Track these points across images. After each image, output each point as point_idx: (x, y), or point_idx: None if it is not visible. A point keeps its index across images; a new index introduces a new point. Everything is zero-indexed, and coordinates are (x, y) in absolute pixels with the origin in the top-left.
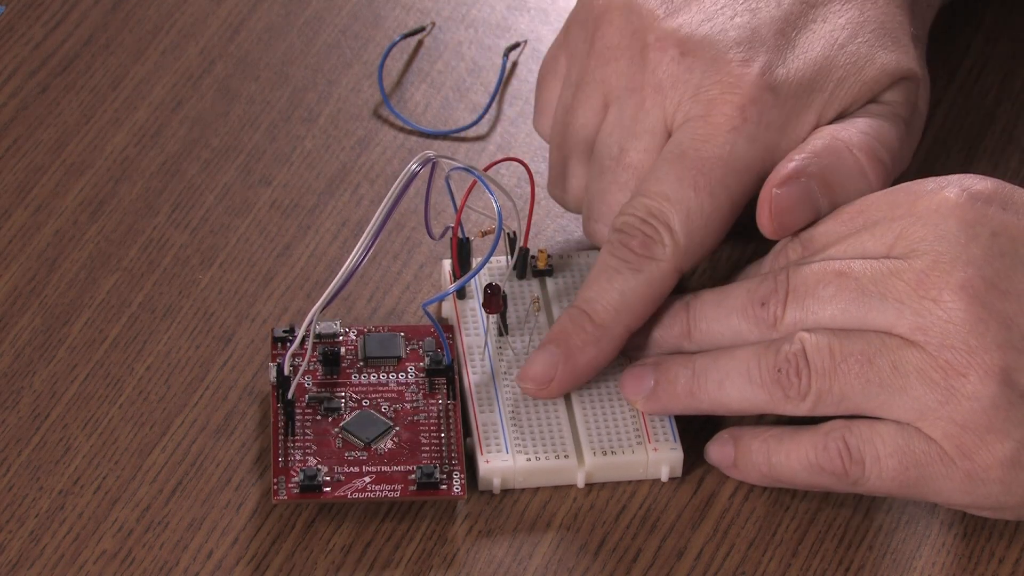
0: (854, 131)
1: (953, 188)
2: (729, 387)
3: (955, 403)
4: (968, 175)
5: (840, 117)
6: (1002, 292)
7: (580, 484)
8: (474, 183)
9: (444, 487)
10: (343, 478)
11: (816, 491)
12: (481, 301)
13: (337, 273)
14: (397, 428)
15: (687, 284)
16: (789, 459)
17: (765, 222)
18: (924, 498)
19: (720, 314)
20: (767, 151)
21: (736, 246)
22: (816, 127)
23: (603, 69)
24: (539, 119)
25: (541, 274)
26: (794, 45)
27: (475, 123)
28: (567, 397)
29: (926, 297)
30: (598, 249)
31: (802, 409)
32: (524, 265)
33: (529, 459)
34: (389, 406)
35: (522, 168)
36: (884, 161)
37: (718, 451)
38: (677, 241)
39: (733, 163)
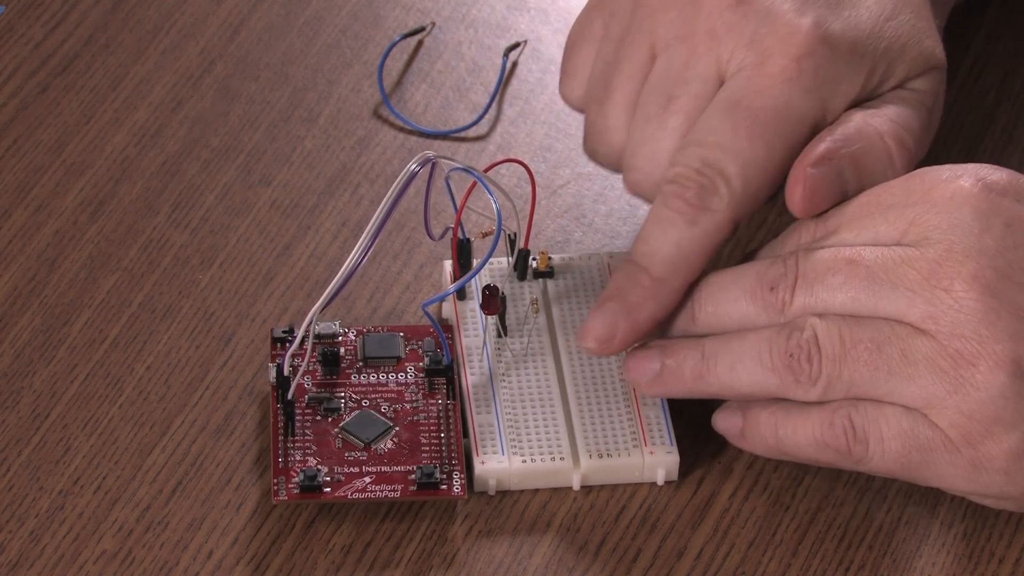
0: (884, 119)
1: (968, 177)
2: (740, 371)
3: (963, 393)
4: (984, 165)
5: (872, 95)
6: (1015, 283)
7: (576, 487)
8: (474, 184)
9: (444, 487)
10: (343, 478)
11: (823, 467)
12: (479, 302)
13: (337, 273)
14: (397, 428)
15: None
16: (795, 433)
17: (797, 200)
18: (926, 482)
19: (727, 297)
20: (821, 104)
21: (739, 243)
22: (861, 92)
23: (651, 20)
24: (568, 84)
25: (542, 276)
26: (843, 7)
27: (475, 123)
28: (564, 398)
29: (938, 287)
30: (598, 250)
31: (812, 395)
32: (524, 267)
33: (525, 461)
34: (389, 406)
35: (522, 168)
36: (910, 149)
37: (726, 420)
38: (734, 191)
39: (788, 114)
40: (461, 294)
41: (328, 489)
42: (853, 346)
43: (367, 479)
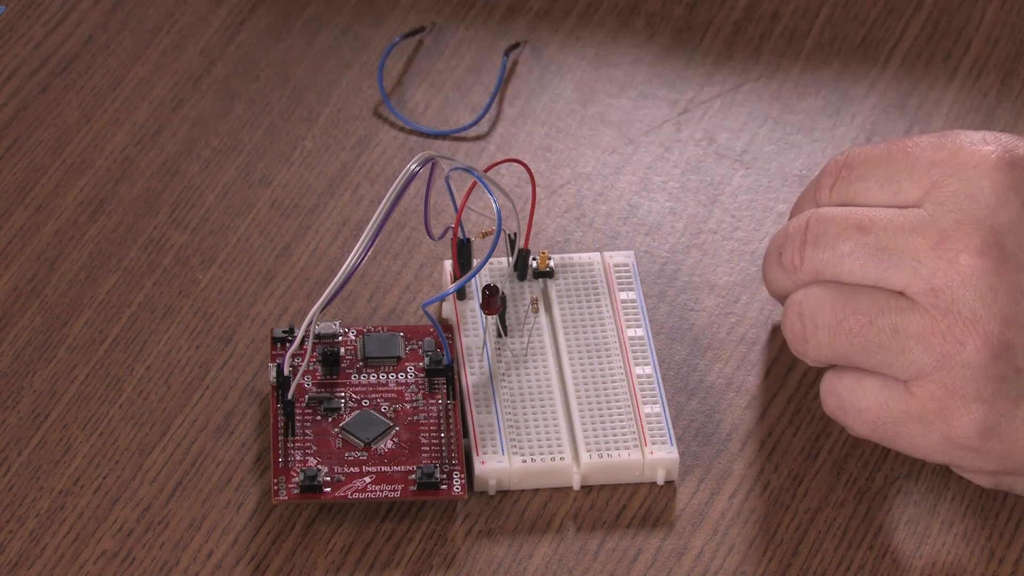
0: None
1: (996, 147)
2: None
3: (948, 369)
4: (1018, 137)
5: None
6: (1019, 264)
7: (576, 487)
8: (474, 183)
9: (444, 487)
10: (343, 478)
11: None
12: (480, 302)
13: (337, 273)
14: (397, 428)
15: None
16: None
17: None
18: (904, 451)
19: (769, 262)
20: None
21: (742, 240)
22: None
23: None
24: None
25: (542, 276)
26: None
27: (475, 123)
28: (564, 398)
29: (943, 257)
30: (598, 250)
31: (809, 362)
32: (524, 267)
33: (525, 461)
34: (389, 406)
35: (522, 168)
36: None
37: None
38: None
39: None
40: (461, 294)
41: (328, 489)
42: (845, 318)
43: (367, 479)
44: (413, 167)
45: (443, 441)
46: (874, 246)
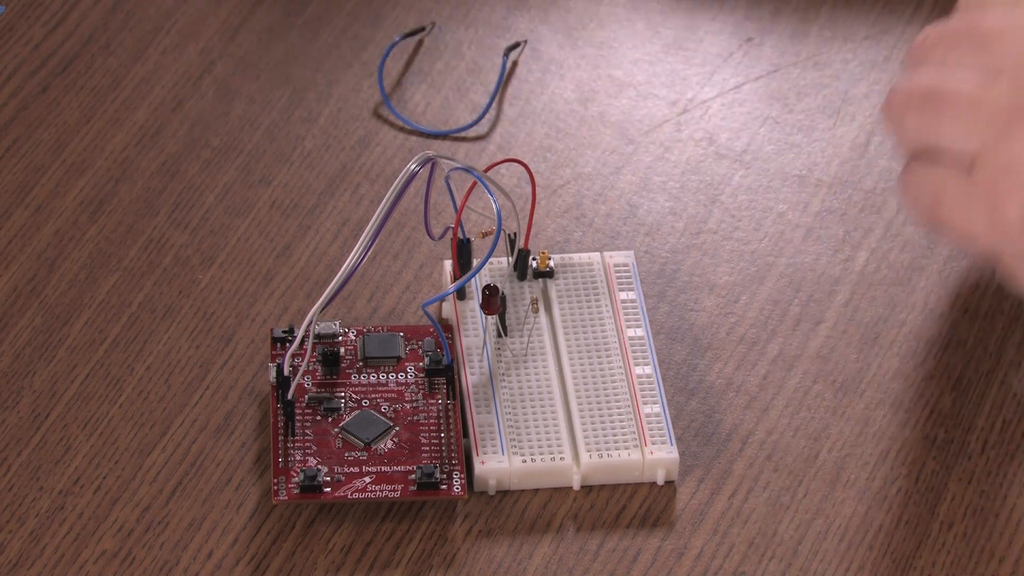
0: None
1: None
2: None
3: (1009, 143)
4: None
5: None
6: None
7: (576, 487)
8: (474, 184)
9: (444, 487)
10: (343, 478)
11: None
12: (479, 302)
13: (337, 273)
14: (397, 428)
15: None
16: None
17: None
18: (955, 237)
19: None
20: None
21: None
22: None
23: None
24: None
25: (542, 276)
26: None
27: (475, 123)
28: (564, 398)
29: (1011, 121)
30: (598, 250)
31: (898, 144)
32: (524, 267)
33: (525, 461)
34: (389, 406)
35: (522, 168)
36: None
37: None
38: None
39: None
40: (461, 294)
41: (328, 489)
42: (933, 94)
43: (367, 479)
44: (413, 167)
45: (443, 441)
46: (977, 39)
